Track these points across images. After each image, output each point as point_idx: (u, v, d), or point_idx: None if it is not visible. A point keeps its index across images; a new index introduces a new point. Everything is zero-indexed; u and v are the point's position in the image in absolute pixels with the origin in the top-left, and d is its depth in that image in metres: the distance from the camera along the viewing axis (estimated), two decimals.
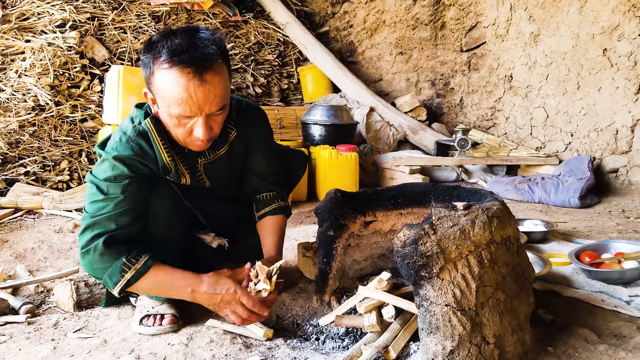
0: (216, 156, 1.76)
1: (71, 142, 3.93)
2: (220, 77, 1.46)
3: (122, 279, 1.51)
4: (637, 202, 3.50)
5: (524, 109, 4.51)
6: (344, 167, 3.85)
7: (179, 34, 1.44)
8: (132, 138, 1.58)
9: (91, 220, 1.54)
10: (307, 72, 5.60)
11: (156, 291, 1.63)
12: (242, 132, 1.80)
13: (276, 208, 1.92)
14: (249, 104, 1.87)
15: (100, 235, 1.52)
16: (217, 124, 1.56)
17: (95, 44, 4.15)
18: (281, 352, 1.49)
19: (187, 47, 1.40)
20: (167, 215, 1.69)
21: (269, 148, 1.95)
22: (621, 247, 2.20)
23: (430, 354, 1.28)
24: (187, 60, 1.39)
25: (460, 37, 4.99)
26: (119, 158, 1.55)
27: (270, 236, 1.86)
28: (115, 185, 1.54)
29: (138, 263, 1.52)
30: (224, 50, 1.50)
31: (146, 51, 1.47)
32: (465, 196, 1.67)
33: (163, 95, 1.46)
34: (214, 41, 1.45)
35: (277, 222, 1.90)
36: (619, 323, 1.64)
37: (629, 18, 3.62)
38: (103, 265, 1.51)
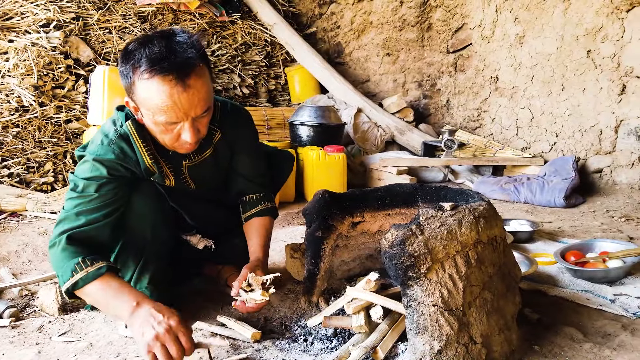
0: (201, 158, 1.75)
1: (56, 143, 3.88)
2: (203, 80, 1.45)
3: (71, 278, 1.46)
4: (620, 202, 3.54)
5: (509, 110, 4.55)
6: (331, 168, 3.85)
7: (156, 40, 1.41)
8: (113, 141, 1.57)
9: (63, 215, 1.55)
10: (294, 72, 5.59)
11: (101, 299, 1.49)
12: (227, 133, 1.79)
13: (263, 209, 1.91)
14: (233, 105, 1.86)
15: (67, 231, 1.51)
16: (203, 126, 1.55)
17: (80, 44, 4.11)
18: (269, 353, 1.49)
19: (166, 53, 1.38)
20: (153, 216, 1.68)
21: (255, 149, 1.93)
22: (605, 246, 2.23)
23: (418, 354, 1.28)
24: (168, 67, 1.37)
25: (446, 38, 5.02)
26: (98, 160, 1.55)
27: (257, 237, 1.85)
28: (92, 184, 1.54)
29: (92, 267, 1.47)
30: (203, 52, 1.48)
31: (124, 61, 1.44)
32: (452, 196, 1.68)
33: (147, 104, 1.44)
34: (192, 44, 1.43)
35: (264, 224, 1.89)
36: (604, 321, 1.66)
37: (612, 20, 3.67)
38: (61, 261, 1.49)
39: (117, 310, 1.45)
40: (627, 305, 1.78)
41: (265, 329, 1.67)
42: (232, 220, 1.98)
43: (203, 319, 1.70)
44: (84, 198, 1.54)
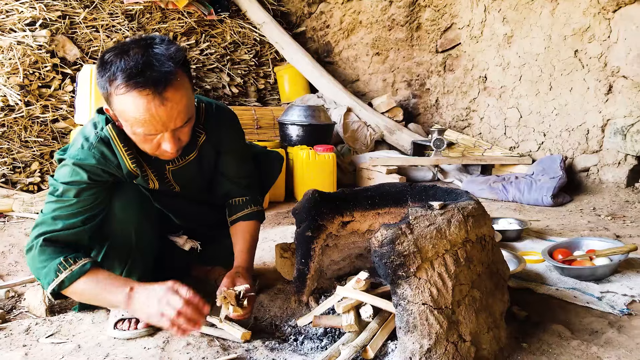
0: (185, 162, 1.72)
1: (42, 143, 3.84)
2: (182, 92, 1.40)
3: (56, 278, 1.44)
4: (607, 200, 3.58)
5: (498, 110, 4.58)
6: (321, 167, 3.85)
7: (132, 51, 1.35)
8: (94, 145, 1.53)
9: (41, 219, 1.52)
10: (284, 72, 5.58)
11: (91, 293, 1.49)
12: (212, 135, 1.75)
13: (248, 213, 1.87)
14: (219, 106, 1.81)
15: (44, 234, 1.49)
16: (185, 134, 1.51)
17: (67, 43, 4.07)
18: (259, 353, 1.48)
19: (142, 67, 1.33)
20: (136, 219, 1.65)
21: (241, 151, 1.90)
22: (592, 244, 2.25)
23: (407, 353, 1.29)
24: (144, 82, 1.32)
25: (435, 38, 5.04)
26: (79, 164, 1.51)
27: (241, 243, 1.81)
28: (71, 189, 1.51)
29: (75, 265, 1.45)
30: (182, 61, 1.42)
31: (100, 72, 1.40)
32: (441, 196, 1.69)
33: (125, 116, 1.41)
34: (170, 57, 1.37)
35: (249, 229, 1.85)
36: (591, 319, 1.68)
37: (599, 20, 3.71)
38: (41, 263, 1.46)
39: (112, 299, 1.46)
40: (614, 302, 1.80)
41: (255, 328, 1.67)
42: (220, 220, 1.96)
43: None
44: (63, 202, 1.51)
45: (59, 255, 1.47)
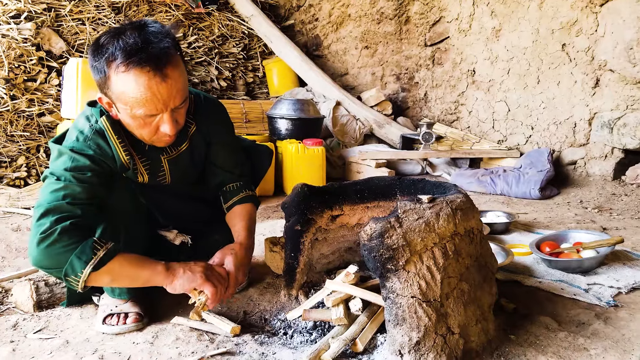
0: (178, 152, 1.73)
1: (28, 137, 3.80)
2: (180, 70, 1.43)
3: (95, 256, 1.37)
4: (594, 193, 3.62)
5: (486, 103, 4.60)
6: (310, 161, 3.85)
7: (129, 32, 1.37)
8: (89, 137, 1.53)
9: (50, 205, 1.40)
10: (272, 65, 5.56)
11: (128, 271, 1.46)
12: (202, 125, 1.76)
13: (244, 197, 1.87)
14: (206, 97, 1.83)
15: (66, 219, 1.39)
16: (181, 116, 1.53)
17: (52, 36, 4.02)
18: (249, 347, 1.48)
19: (141, 44, 1.34)
20: (126, 214, 1.64)
21: (231, 140, 1.90)
22: (579, 236, 2.27)
23: (396, 345, 1.29)
24: (145, 58, 1.34)
25: (424, 31, 5.04)
26: (77, 151, 1.50)
27: (240, 222, 1.81)
28: (77, 174, 1.47)
29: (108, 244, 1.42)
30: (176, 42, 1.45)
31: (96, 55, 1.39)
32: (429, 189, 1.70)
33: (124, 98, 1.40)
34: (166, 34, 1.40)
35: (246, 210, 1.85)
36: (578, 310, 1.70)
37: (587, 14, 3.73)
38: (70, 246, 1.36)
39: (152, 274, 1.48)
40: (600, 294, 1.83)
41: (245, 323, 1.67)
42: (210, 215, 1.95)
43: (182, 314, 1.69)
44: (70, 189, 1.44)
45: (89, 236, 1.41)
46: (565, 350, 1.42)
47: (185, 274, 1.49)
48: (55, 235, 1.36)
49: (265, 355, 1.43)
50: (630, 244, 2.42)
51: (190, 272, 1.50)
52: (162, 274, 1.48)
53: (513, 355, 1.40)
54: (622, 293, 1.84)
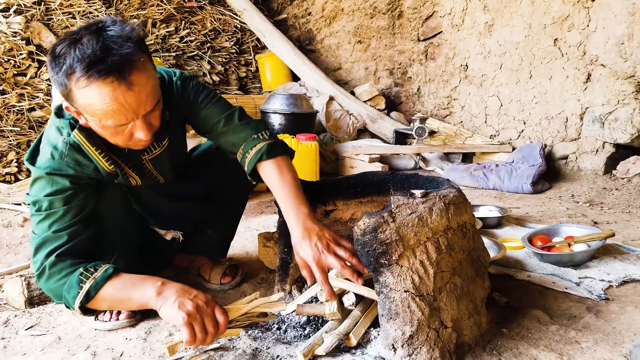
0: (162, 148, 1.62)
1: (19, 132, 3.77)
2: (147, 74, 1.30)
3: (81, 290, 1.36)
4: (585, 188, 3.64)
5: (478, 98, 4.61)
6: (304, 156, 3.84)
7: (86, 39, 1.23)
8: (65, 153, 1.43)
9: (40, 239, 1.42)
10: (265, 60, 5.54)
11: (119, 296, 1.40)
12: (175, 111, 1.62)
13: (265, 147, 1.58)
14: (171, 78, 1.63)
15: (53, 251, 1.40)
16: (156, 118, 1.41)
17: (42, 30, 3.98)
18: (242, 342, 1.48)
19: (100, 53, 1.21)
20: (119, 217, 1.59)
21: (211, 95, 1.66)
22: (571, 230, 2.29)
23: (390, 340, 1.30)
24: (106, 69, 1.22)
25: (417, 26, 5.04)
26: (55, 173, 1.42)
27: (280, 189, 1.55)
28: (57, 199, 1.42)
29: (97, 272, 1.38)
30: (140, 41, 1.30)
31: (54, 67, 1.27)
32: (423, 184, 1.70)
33: (90, 110, 1.29)
34: (127, 37, 1.26)
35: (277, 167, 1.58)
36: (570, 304, 1.71)
37: (579, 9, 3.74)
38: (60, 280, 1.38)
39: (141, 296, 1.35)
40: (591, 287, 1.84)
41: None
42: (204, 212, 1.92)
43: None
44: (55, 215, 1.42)
45: (77, 266, 1.39)
46: (556, 343, 1.44)
47: (172, 307, 1.30)
48: (47, 273, 1.40)
49: (259, 351, 1.43)
50: (621, 237, 2.44)
51: (178, 307, 1.29)
52: (152, 301, 1.34)
53: (505, 349, 1.41)
54: (613, 286, 1.86)
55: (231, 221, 2.07)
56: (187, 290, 1.34)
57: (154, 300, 1.33)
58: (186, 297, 1.31)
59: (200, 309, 1.30)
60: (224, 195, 1.92)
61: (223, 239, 2.10)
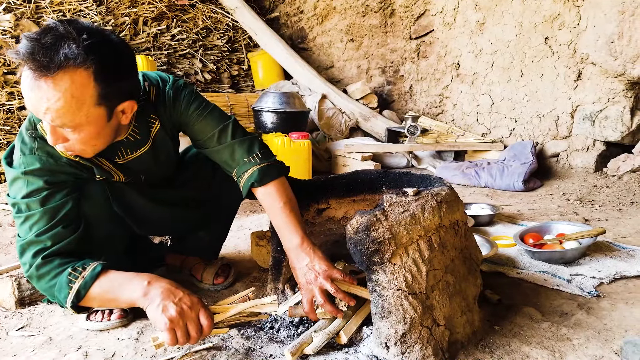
0: (137, 154, 1.57)
1: (8, 131, 3.73)
2: (61, 95, 1.20)
3: (71, 291, 1.35)
4: (576, 185, 3.66)
5: (470, 96, 4.63)
6: (296, 154, 3.84)
7: (43, 33, 1.18)
8: (34, 148, 1.40)
9: (24, 242, 1.40)
10: (257, 58, 5.53)
11: (108, 295, 1.38)
12: (167, 120, 1.59)
13: (256, 174, 1.57)
14: (165, 86, 1.58)
15: (38, 254, 1.38)
16: (78, 141, 1.31)
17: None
18: (235, 342, 1.48)
19: (38, 48, 1.16)
20: (104, 217, 1.56)
21: (204, 107, 1.60)
22: (562, 228, 2.30)
23: (383, 338, 1.30)
24: (33, 62, 1.17)
25: (409, 24, 5.04)
26: (29, 172, 1.39)
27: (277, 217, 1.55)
28: (34, 200, 1.39)
29: (85, 271, 1.37)
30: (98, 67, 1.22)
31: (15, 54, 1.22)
32: (415, 182, 1.70)
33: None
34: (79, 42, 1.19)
35: (270, 194, 1.57)
36: (561, 301, 1.72)
37: (569, 8, 3.76)
38: (50, 282, 1.38)
39: (129, 296, 1.34)
40: (582, 284, 1.85)
41: None
42: (192, 219, 1.88)
43: None
44: (34, 217, 1.39)
45: (66, 266, 1.38)
46: (548, 340, 1.44)
47: (156, 310, 1.29)
48: (36, 275, 1.40)
49: (252, 350, 1.43)
50: (611, 235, 2.46)
51: (162, 311, 1.28)
52: (139, 301, 1.33)
53: (498, 346, 1.41)
54: (604, 283, 1.87)
55: (223, 222, 2.05)
56: (172, 292, 1.33)
57: (140, 300, 1.33)
58: (170, 299, 1.30)
59: (184, 314, 1.29)
60: (216, 199, 1.90)
61: (215, 240, 2.08)
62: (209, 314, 1.34)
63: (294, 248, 1.49)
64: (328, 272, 1.43)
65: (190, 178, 1.86)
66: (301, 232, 1.51)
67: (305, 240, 1.49)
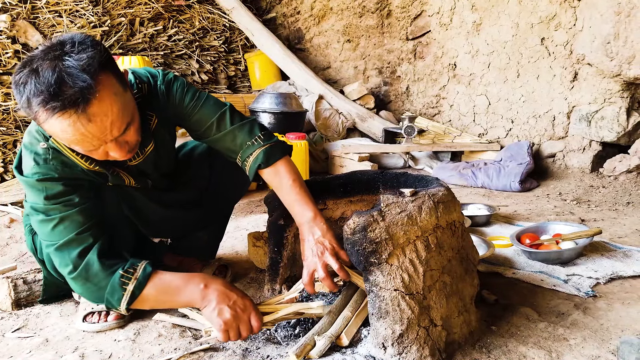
0: (145, 154, 1.58)
1: (4, 132, 3.72)
2: (109, 101, 1.23)
3: (125, 292, 1.37)
4: (572, 185, 3.67)
5: (467, 97, 4.63)
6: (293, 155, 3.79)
7: (41, 68, 1.17)
8: (49, 158, 1.40)
9: (60, 243, 1.39)
10: (254, 58, 5.52)
11: (164, 297, 1.43)
12: (163, 115, 1.58)
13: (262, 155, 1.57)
14: (157, 81, 1.57)
15: (84, 254, 1.38)
16: (132, 136, 1.35)
17: (29, 28, 3.93)
18: (232, 342, 1.48)
19: (54, 88, 1.15)
20: (117, 219, 1.57)
21: (198, 97, 1.59)
22: (559, 228, 2.31)
23: (380, 338, 1.30)
24: (61, 106, 1.17)
25: (406, 25, 5.05)
26: (44, 180, 1.39)
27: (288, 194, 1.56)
28: (63, 202, 1.39)
29: (136, 272, 1.39)
30: (103, 62, 1.24)
31: (17, 95, 1.22)
32: (412, 183, 1.70)
33: (57, 137, 1.28)
34: (82, 68, 1.18)
35: (277, 173, 1.58)
36: (558, 301, 1.73)
37: (565, 8, 3.77)
38: (100, 283, 1.38)
39: (188, 299, 1.42)
40: (579, 284, 1.86)
41: None
42: (195, 219, 1.89)
43: (164, 310, 1.67)
44: (68, 218, 1.39)
45: (115, 267, 1.39)
46: (545, 340, 1.45)
47: (212, 312, 1.38)
48: (84, 277, 1.39)
49: (249, 351, 1.43)
50: (608, 235, 2.47)
51: (218, 314, 1.38)
52: (197, 304, 1.42)
53: (495, 346, 1.41)
54: (600, 283, 1.88)
55: (220, 222, 2.06)
56: (227, 295, 1.41)
57: (199, 303, 1.41)
58: (225, 303, 1.39)
59: (238, 317, 1.38)
60: (213, 198, 1.91)
61: (212, 240, 2.09)
62: (259, 316, 1.42)
63: (307, 222, 1.51)
64: (335, 250, 1.45)
65: (189, 178, 1.87)
66: (313, 206, 1.53)
67: (319, 215, 1.52)
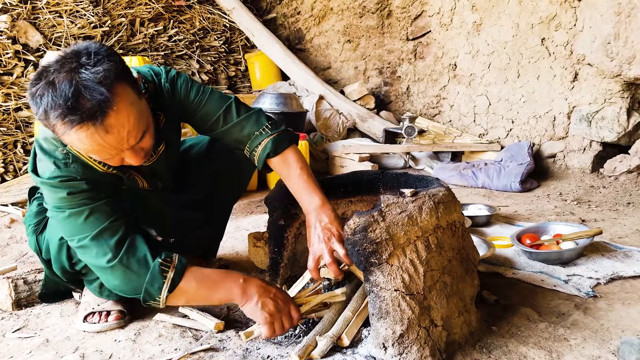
0: (158, 154, 1.59)
1: (5, 132, 3.72)
2: (126, 111, 1.24)
3: (166, 280, 1.36)
4: (573, 186, 3.67)
5: (467, 97, 4.63)
6: None
7: (58, 80, 1.18)
8: (70, 162, 1.40)
9: (94, 233, 1.38)
10: (254, 59, 5.52)
11: (202, 290, 1.42)
12: (170, 113, 1.59)
13: (270, 144, 1.58)
14: (161, 80, 1.58)
15: (121, 243, 1.38)
16: (147, 142, 1.36)
17: (29, 29, 3.94)
18: (233, 343, 1.48)
19: (72, 102, 1.16)
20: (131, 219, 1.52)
21: (203, 92, 1.61)
22: (559, 228, 2.31)
23: (380, 339, 1.30)
24: (79, 119, 1.18)
25: (406, 25, 5.05)
26: (66, 179, 1.38)
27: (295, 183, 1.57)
28: (82, 198, 1.39)
29: (172, 262, 1.39)
30: (118, 73, 1.24)
31: (33, 105, 1.23)
32: (412, 183, 1.70)
33: (75, 147, 1.31)
34: (100, 81, 1.19)
35: (285, 162, 1.59)
36: (558, 301, 1.72)
37: (565, 9, 3.77)
38: (138, 271, 1.37)
39: (227, 294, 1.42)
40: (579, 285, 1.86)
41: (229, 318, 1.66)
42: (201, 218, 1.91)
43: (164, 310, 1.67)
44: (96, 208, 1.39)
45: (154, 255, 1.38)
46: (545, 340, 1.45)
47: (255, 306, 1.40)
48: (124, 262, 1.37)
49: (249, 351, 1.43)
50: (608, 235, 2.47)
51: (261, 307, 1.40)
52: (237, 299, 1.42)
53: (495, 347, 1.41)
54: (600, 284, 1.88)
55: (220, 222, 2.07)
56: (266, 289, 1.44)
57: (239, 299, 1.42)
58: (267, 296, 1.42)
59: (280, 309, 1.42)
60: (215, 198, 1.92)
61: (213, 240, 2.09)
62: (297, 307, 1.46)
63: (315, 209, 1.52)
64: (342, 237, 1.45)
65: (194, 178, 1.88)
66: (321, 194, 1.54)
67: (326, 202, 1.53)
